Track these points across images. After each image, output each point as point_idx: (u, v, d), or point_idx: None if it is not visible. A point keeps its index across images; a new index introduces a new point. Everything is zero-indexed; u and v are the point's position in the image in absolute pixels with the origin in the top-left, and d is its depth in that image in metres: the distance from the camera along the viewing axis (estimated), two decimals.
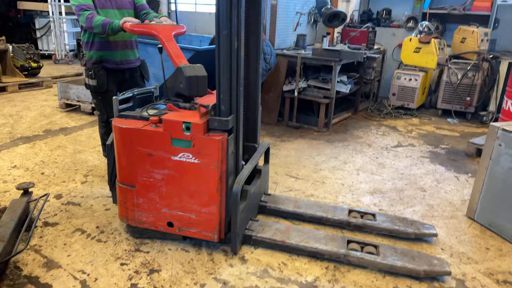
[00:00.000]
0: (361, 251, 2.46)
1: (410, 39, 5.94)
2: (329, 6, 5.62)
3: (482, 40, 5.68)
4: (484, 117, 5.66)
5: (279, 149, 4.37)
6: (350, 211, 2.90)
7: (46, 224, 2.76)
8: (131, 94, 2.71)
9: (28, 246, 2.49)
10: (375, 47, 6.33)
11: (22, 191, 2.92)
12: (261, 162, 3.04)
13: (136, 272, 2.31)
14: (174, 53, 2.61)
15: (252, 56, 2.67)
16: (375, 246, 2.48)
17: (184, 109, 2.48)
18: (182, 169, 2.37)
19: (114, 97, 2.57)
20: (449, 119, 5.80)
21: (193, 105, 2.48)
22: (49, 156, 3.93)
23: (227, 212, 2.47)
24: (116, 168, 2.57)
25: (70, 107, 5.55)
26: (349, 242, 2.52)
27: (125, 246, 2.54)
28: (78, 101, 5.41)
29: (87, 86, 3.14)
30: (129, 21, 2.71)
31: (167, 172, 2.40)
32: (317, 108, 5.20)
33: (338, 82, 5.13)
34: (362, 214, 2.87)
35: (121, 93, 2.66)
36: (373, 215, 2.85)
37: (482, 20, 5.96)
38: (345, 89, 5.27)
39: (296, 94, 5.08)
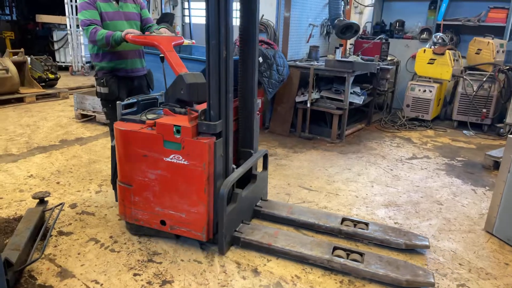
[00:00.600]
0: (347, 258, 2.46)
1: (424, 50, 5.90)
2: (342, 18, 5.64)
3: (497, 52, 5.61)
4: (501, 129, 5.55)
5: (291, 160, 4.35)
6: (344, 220, 2.91)
7: (60, 233, 2.79)
8: (135, 100, 2.85)
9: (43, 255, 2.51)
10: (389, 58, 6.31)
11: (38, 200, 2.96)
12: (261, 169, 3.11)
13: (149, 283, 2.31)
14: (175, 62, 2.73)
15: (249, 65, 2.80)
16: (361, 254, 2.48)
17: (179, 114, 2.58)
18: (173, 170, 2.49)
19: (118, 102, 2.70)
20: (465, 131, 5.71)
21: (188, 110, 2.58)
22: (64, 165, 3.99)
23: (216, 213, 2.54)
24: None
25: (86, 118, 5.64)
26: (335, 248, 2.54)
27: (138, 256, 2.55)
28: (94, 111, 5.50)
29: (98, 94, 3.24)
30: (131, 33, 2.82)
31: (160, 173, 2.53)
32: (330, 119, 5.18)
33: (351, 93, 5.12)
34: (356, 223, 2.87)
35: (126, 99, 2.81)
36: (367, 224, 2.85)
37: (498, 32, 5.89)
38: (358, 100, 5.25)
39: (308, 105, 5.08)
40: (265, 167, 3.17)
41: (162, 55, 2.80)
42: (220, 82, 2.39)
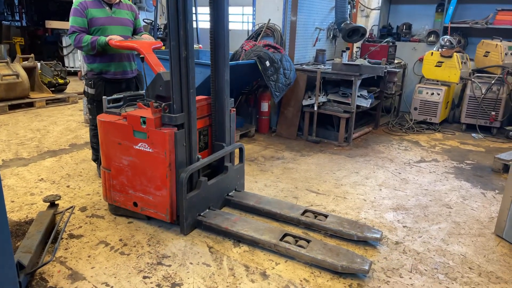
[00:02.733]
0: (295, 244, 2.61)
1: (432, 53, 5.88)
2: (348, 22, 5.65)
3: (506, 54, 5.58)
4: (510, 132, 5.51)
5: (299, 164, 4.36)
6: (306, 211, 3.06)
7: (71, 236, 2.82)
8: (122, 96, 3.09)
9: (54, 258, 2.54)
10: (396, 61, 6.30)
11: (48, 204, 3.00)
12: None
13: (158, 285, 2.32)
14: (153, 62, 2.98)
15: (220, 66, 3.01)
16: (308, 241, 2.63)
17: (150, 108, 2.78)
18: (141, 156, 2.77)
19: (103, 97, 2.94)
20: (473, 134, 5.67)
21: (160, 104, 2.72)
22: (74, 169, 4.04)
23: (178, 197, 2.76)
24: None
25: None
26: (286, 235, 2.70)
27: (147, 259, 2.57)
28: None
29: (86, 93, 3.47)
30: (114, 38, 3.06)
31: (131, 159, 2.81)
32: (337, 122, 5.18)
33: (358, 96, 5.11)
34: (316, 215, 3.01)
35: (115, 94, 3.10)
36: (326, 216, 2.98)
37: (506, 34, 5.86)
38: (366, 103, 5.24)
39: (315, 108, 5.08)
40: (241, 160, 3.39)
41: (143, 56, 3.05)
42: (181, 79, 2.63)
